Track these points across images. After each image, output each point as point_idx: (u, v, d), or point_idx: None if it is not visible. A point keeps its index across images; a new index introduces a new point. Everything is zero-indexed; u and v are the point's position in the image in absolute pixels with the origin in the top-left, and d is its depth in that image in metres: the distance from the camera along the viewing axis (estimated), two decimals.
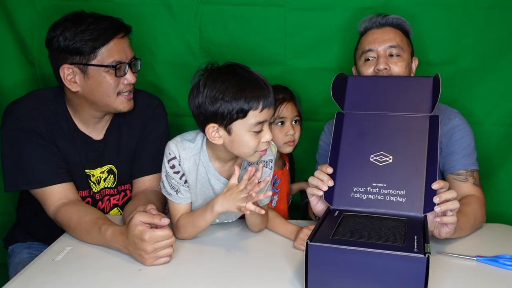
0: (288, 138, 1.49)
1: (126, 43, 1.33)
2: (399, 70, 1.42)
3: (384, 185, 1.07)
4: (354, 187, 1.10)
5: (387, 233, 0.96)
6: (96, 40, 1.26)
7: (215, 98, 1.09)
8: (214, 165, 1.21)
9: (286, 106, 1.49)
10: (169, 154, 1.19)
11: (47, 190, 1.29)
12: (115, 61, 1.28)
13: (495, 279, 1.01)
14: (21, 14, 1.69)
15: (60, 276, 1.04)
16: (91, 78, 1.28)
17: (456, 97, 1.74)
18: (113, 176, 1.44)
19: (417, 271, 0.84)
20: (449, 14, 1.67)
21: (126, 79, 1.32)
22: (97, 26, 1.26)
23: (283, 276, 1.04)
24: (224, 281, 1.02)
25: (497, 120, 1.76)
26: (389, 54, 1.42)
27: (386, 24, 1.46)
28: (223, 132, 1.12)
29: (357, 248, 0.88)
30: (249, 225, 1.28)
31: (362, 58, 1.46)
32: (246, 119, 1.09)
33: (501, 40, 1.68)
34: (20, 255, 1.47)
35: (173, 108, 1.77)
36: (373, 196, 1.07)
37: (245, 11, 1.71)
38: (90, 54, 1.26)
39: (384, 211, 1.05)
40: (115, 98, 1.32)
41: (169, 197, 1.23)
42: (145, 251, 1.06)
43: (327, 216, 1.06)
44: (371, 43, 1.44)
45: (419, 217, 1.02)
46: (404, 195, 1.04)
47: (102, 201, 1.44)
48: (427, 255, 0.84)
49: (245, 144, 1.12)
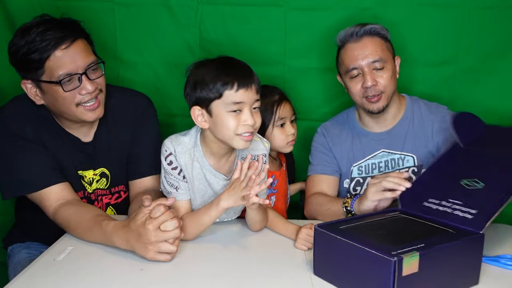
0: (290, 138, 1.50)
1: (75, 50, 1.23)
2: (385, 82, 1.44)
3: (460, 202, 1.07)
4: (430, 198, 1.13)
5: (403, 237, 0.97)
6: (40, 54, 1.19)
7: (196, 82, 1.17)
8: (209, 161, 1.24)
9: (284, 106, 1.49)
10: (165, 151, 1.22)
11: (43, 193, 1.28)
12: (63, 75, 1.21)
13: (496, 279, 1.01)
14: (21, 14, 1.68)
15: (61, 276, 1.03)
16: (47, 93, 1.25)
17: (456, 97, 1.74)
18: (106, 179, 1.43)
19: (385, 272, 0.86)
20: (449, 14, 1.68)
21: (83, 88, 1.24)
22: (42, 38, 1.19)
23: (283, 276, 1.04)
24: (225, 281, 1.02)
25: (497, 121, 1.76)
26: (373, 69, 1.43)
27: (363, 34, 1.45)
28: (206, 115, 1.17)
29: (342, 238, 0.96)
30: (250, 224, 1.28)
31: (347, 75, 1.47)
32: (223, 99, 1.14)
33: (501, 40, 1.69)
34: (19, 255, 1.46)
35: (173, 108, 1.78)
36: (442, 208, 1.08)
37: (245, 11, 1.71)
38: (38, 69, 1.21)
39: (445, 221, 1.04)
40: (76, 109, 1.26)
41: (169, 195, 1.24)
42: (149, 240, 1.05)
43: (380, 213, 1.14)
44: (353, 61, 1.44)
45: (474, 232, 0.98)
46: (474, 213, 1.02)
47: (98, 201, 1.44)
48: (395, 258, 0.85)
49: (225, 125, 1.15)
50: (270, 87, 1.53)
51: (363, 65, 1.43)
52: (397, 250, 0.89)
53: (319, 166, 1.58)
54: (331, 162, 1.57)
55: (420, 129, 1.52)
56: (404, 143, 1.52)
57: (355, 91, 1.46)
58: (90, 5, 1.69)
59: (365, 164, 1.54)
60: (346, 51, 1.47)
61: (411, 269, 0.87)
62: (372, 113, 1.48)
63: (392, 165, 1.52)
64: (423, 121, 1.52)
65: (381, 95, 1.44)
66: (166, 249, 1.07)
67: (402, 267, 0.86)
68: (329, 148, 1.58)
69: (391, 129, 1.54)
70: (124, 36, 1.74)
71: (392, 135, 1.53)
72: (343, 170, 1.57)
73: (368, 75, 1.42)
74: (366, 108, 1.48)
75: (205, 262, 1.12)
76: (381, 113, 1.48)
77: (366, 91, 1.44)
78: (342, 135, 1.58)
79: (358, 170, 1.55)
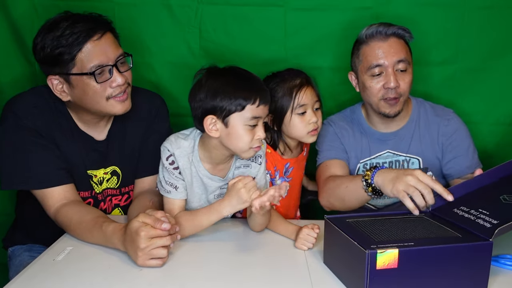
0: (312, 127, 1.40)
1: (106, 43, 1.24)
2: (405, 86, 1.41)
3: (487, 213, 1.05)
4: (462, 206, 1.11)
5: (402, 234, 0.98)
6: (71, 47, 1.19)
7: (216, 92, 1.16)
8: (205, 166, 1.26)
9: (305, 91, 1.39)
10: (166, 153, 1.24)
11: (46, 192, 1.28)
12: (95, 66, 1.21)
13: (496, 279, 1.01)
14: (21, 14, 1.69)
15: (60, 276, 1.03)
16: (76, 87, 1.24)
17: (456, 97, 1.75)
18: (117, 178, 1.43)
19: (361, 263, 0.90)
20: (449, 14, 1.68)
21: (114, 81, 1.25)
22: (72, 31, 1.19)
23: (283, 276, 1.04)
24: (225, 281, 1.02)
25: (497, 120, 1.76)
26: (396, 69, 1.40)
27: (391, 34, 1.41)
28: (220, 124, 1.17)
29: (338, 229, 1.01)
30: (252, 225, 1.29)
31: (368, 72, 1.42)
32: (243, 112, 1.15)
33: (501, 40, 1.69)
34: (21, 257, 1.46)
35: (173, 108, 1.76)
36: (467, 215, 1.07)
37: (245, 11, 1.71)
38: (68, 63, 1.20)
39: (463, 227, 1.02)
40: (106, 103, 1.26)
41: (168, 194, 1.25)
42: (139, 247, 1.04)
43: (404, 213, 1.14)
44: (379, 58, 1.40)
45: (481, 237, 0.96)
46: (494, 223, 0.99)
47: (105, 201, 1.43)
48: (368, 251, 0.88)
49: (240, 138, 1.17)
50: (295, 70, 1.45)
51: (387, 64, 1.39)
52: (381, 244, 0.91)
53: (330, 151, 1.52)
54: (341, 149, 1.53)
55: (426, 132, 1.50)
56: (409, 145, 1.51)
57: (374, 90, 1.42)
58: (91, 5, 1.67)
59: (370, 163, 1.53)
60: (370, 47, 1.42)
61: (388, 263, 0.89)
62: (387, 117, 1.45)
63: (396, 167, 1.51)
64: (429, 123, 1.51)
65: (399, 98, 1.41)
66: (156, 254, 1.06)
67: (376, 260, 0.88)
68: (338, 137, 1.54)
69: (398, 131, 1.52)
70: (124, 36, 1.74)
71: (398, 137, 1.52)
72: (350, 165, 1.54)
73: (392, 76, 1.39)
74: (382, 110, 1.44)
75: (204, 262, 1.12)
76: (395, 117, 1.46)
77: (387, 92, 1.40)
78: (350, 129, 1.56)
79: (363, 168, 1.54)
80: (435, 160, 1.50)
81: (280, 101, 1.40)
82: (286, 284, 1.01)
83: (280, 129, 1.45)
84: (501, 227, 0.95)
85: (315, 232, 1.17)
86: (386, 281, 0.90)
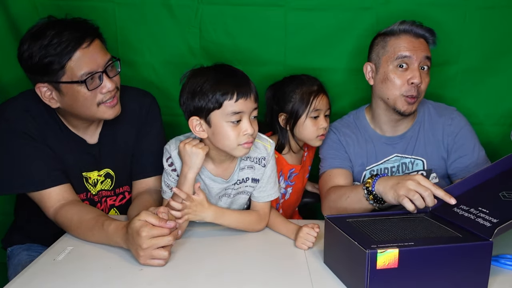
0: (322, 131, 1.49)
1: (95, 50, 1.22)
2: (424, 87, 1.41)
3: (486, 211, 1.05)
4: (462, 205, 1.11)
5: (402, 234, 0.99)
6: (60, 56, 1.17)
7: (194, 92, 1.15)
8: (208, 166, 1.25)
9: (322, 98, 1.48)
10: (166, 154, 1.25)
11: (44, 193, 1.27)
12: (85, 74, 1.20)
13: (496, 279, 1.01)
14: (22, 13, 1.69)
15: (61, 275, 1.04)
16: (66, 95, 1.22)
17: (457, 97, 1.75)
18: (111, 180, 1.42)
19: (361, 263, 0.90)
20: (450, 14, 1.68)
21: (104, 87, 1.24)
22: (60, 39, 1.17)
23: (284, 275, 1.04)
24: (225, 280, 1.02)
25: (498, 120, 1.76)
26: (421, 67, 1.40)
27: (422, 36, 1.42)
28: (205, 125, 1.17)
29: (338, 229, 1.02)
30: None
31: (394, 62, 1.40)
32: (222, 109, 1.13)
33: (502, 40, 1.69)
34: (20, 257, 1.46)
35: (173, 108, 1.77)
36: (468, 214, 1.07)
37: (245, 11, 1.71)
38: (58, 71, 1.19)
39: (464, 226, 1.02)
40: (96, 109, 1.26)
41: (163, 194, 1.28)
42: (140, 247, 1.05)
43: (405, 213, 1.14)
44: (410, 50, 1.39)
45: (481, 237, 0.96)
46: (493, 222, 0.99)
47: (101, 203, 1.43)
48: (368, 250, 0.88)
49: (225, 136, 1.15)
50: (311, 77, 1.53)
51: (415, 59, 1.38)
52: (381, 244, 0.90)
53: (334, 160, 1.51)
54: (345, 158, 1.52)
55: (430, 132, 1.50)
56: (415, 147, 1.50)
57: (398, 82, 1.40)
58: (91, 5, 1.69)
59: (377, 168, 1.51)
60: (401, 38, 1.41)
61: (388, 263, 0.89)
62: (400, 114, 1.43)
63: (403, 169, 1.50)
64: (433, 124, 1.50)
65: (417, 98, 1.41)
66: (158, 255, 1.06)
67: (376, 260, 0.88)
68: (342, 146, 1.53)
69: (404, 133, 1.51)
70: (124, 36, 1.75)
71: (405, 139, 1.51)
72: (356, 172, 1.52)
73: (417, 71, 1.38)
74: (398, 107, 1.42)
75: (204, 262, 1.11)
76: (406, 117, 1.46)
77: (410, 90, 1.39)
78: (354, 136, 1.53)
79: (370, 174, 1.51)
80: (440, 161, 1.49)
81: (297, 104, 1.48)
82: (286, 284, 1.01)
83: (292, 129, 1.51)
84: (500, 226, 0.95)
85: (315, 231, 1.17)
86: (386, 281, 0.90)
